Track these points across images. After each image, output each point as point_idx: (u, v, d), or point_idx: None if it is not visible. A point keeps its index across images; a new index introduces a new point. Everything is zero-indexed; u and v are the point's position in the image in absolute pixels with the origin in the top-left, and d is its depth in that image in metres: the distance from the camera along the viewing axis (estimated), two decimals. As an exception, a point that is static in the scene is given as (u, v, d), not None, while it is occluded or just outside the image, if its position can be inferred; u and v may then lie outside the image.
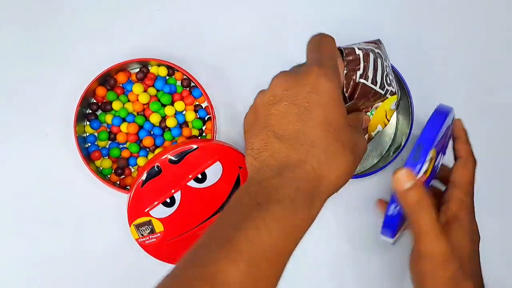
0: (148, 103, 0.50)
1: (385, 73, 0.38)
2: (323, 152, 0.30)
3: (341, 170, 0.31)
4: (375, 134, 0.41)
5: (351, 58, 0.36)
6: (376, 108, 0.40)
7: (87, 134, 0.51)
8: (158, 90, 0.51)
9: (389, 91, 0.39)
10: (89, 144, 0.51)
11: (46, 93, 0.52)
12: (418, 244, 0.36)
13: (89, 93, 0.49)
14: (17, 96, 0.52)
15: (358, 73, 0.36)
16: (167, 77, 0.52)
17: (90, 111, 0.51)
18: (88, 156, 0.50)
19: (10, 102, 0.52)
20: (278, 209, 0.28)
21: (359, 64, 0.36)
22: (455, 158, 0.42)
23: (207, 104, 0.51)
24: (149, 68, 0.52)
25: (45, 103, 0.52)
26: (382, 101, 0.39)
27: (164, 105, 0.50)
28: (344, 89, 0.36)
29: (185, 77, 0.51)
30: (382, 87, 0.38)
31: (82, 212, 0.51)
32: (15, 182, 0.51)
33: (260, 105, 0.33)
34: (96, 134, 0.51)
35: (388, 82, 0.39)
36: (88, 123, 0.51)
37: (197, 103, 0.52)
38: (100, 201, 0.51)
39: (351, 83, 0.36)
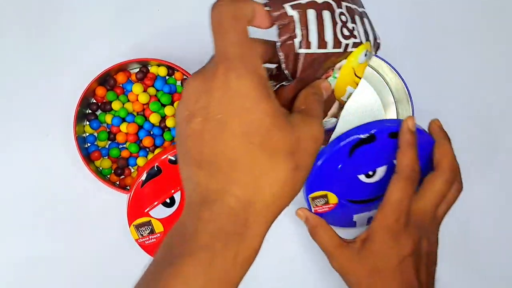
0: (148, 103, 0.50)
1: (340, 24, 0.29)
2: (248, 173, 0.24)
3: (278, 186, 0.25)
4: (348, 98, 0.34)
5: (283, 22, 0.27)
6: (340, 68, 0.31)
7: (87, 134, 0.51)
8: (158, 90, 0.51)
9: (351, 44, 0.30)
10: (89, 144, 0.51)
11: (46, 93, 0.52)
12: None
13: (89, 93, 0.49)
14: (17, 96, 0.52)
15: (296, 41, 0.28)
16: (167, 77, 0.52)
17: (89, 111, 0.51)
18: (87, 156, 0.50)
19: (10, 102, 0.52)
20: (190, 266, 0.23)
21: (295, 31, 0.27)
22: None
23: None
24: (149, 68, 0.52)
25: (45, 103, 0.52)
26: (345, 57, 0.31)
27: (164, 105, 0.50)
28: (283, 66, 0.28)
29: (185, 77, 0.51)
30: (337, 44, 0.29)
31: (81, 212, 0.51)
32: (15, 182, 0.51)
33: (179, 124, 0.27)
34: (95, 134, 0.51)
35: (347, 33, 0.30)
36: (87, 123, 0.51)
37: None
38: (100, 201, 0.51)
39: (290, 55, 0.28)
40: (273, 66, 0.30)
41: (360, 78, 0.33)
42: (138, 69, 0.51)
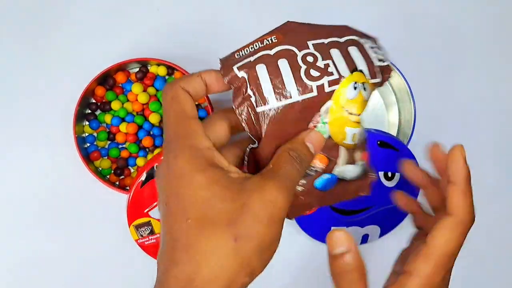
0: (147, 103, 0.50)
1: (304, 67, 0.27)
2: (186, 251, 0.24)
3: (216, 261, 0.23)
4: (353, 140, 0.29)
5: (235, 85, 0.27)
6: (327, 111, 0.28)
7: (86, 134, 0.51)
8: (157, 90, 0.51)
9: (326, 83, 0.27)
10: (88, 144, 0.51)
11: (45, 93, 0.52)
12: None
13: (89, 93, 0.49)
14: (17, 97, 0.52)
15: (252, 100, 0.26)
16: (167, 77, 0.52)
17: (89, 111, 0.51)
18: (87, 157, 0.49)
19: (10, 102, 0.52)
20: None
21: (247, 91, 0.26)
22: (433, 209, 0.33)
23: (207, 104, 0.51)
24: (149, 67, 0.51)
25: (44, 103, 0.52)
26: (329, 98, 0.27)
27: (163, 105, 0.50)
28: (246, 129, 0.27)
29: (185, 76, 0.51)
30: (305, 90, 0.27)
31: (81, 212, 0.51)
32: (15, 182, 0.51)
33: None
34: (95, 134, 0.51)
35: (316, 74, 0.27)
36: (87, 123, 0.51)
37: (196, 103, 0.52)
38: (100, 201, 0.51)
39: (252, 116, 0.26)
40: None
41: (358, 115, 0.29)
42: (137, 69, 0.51)
